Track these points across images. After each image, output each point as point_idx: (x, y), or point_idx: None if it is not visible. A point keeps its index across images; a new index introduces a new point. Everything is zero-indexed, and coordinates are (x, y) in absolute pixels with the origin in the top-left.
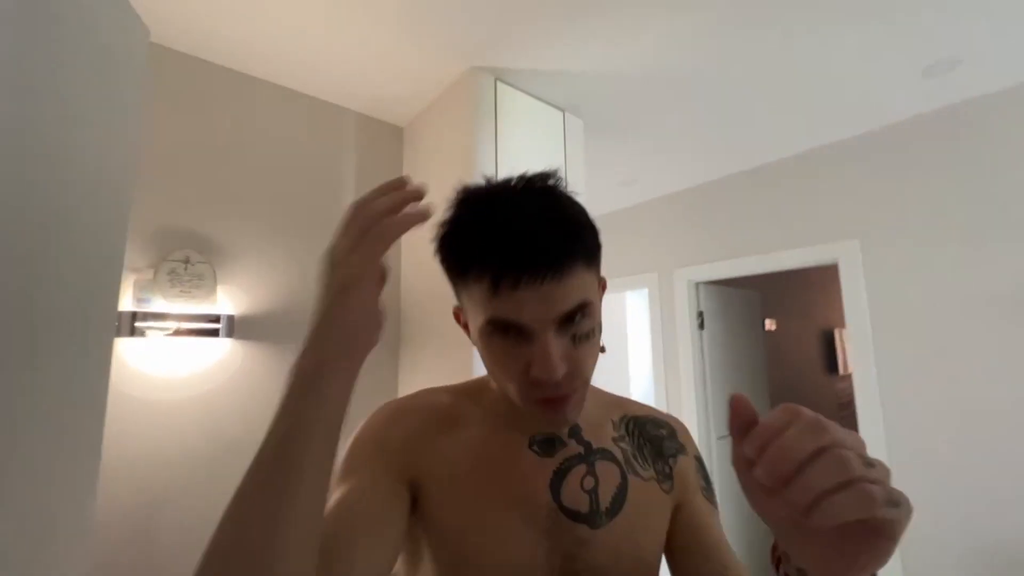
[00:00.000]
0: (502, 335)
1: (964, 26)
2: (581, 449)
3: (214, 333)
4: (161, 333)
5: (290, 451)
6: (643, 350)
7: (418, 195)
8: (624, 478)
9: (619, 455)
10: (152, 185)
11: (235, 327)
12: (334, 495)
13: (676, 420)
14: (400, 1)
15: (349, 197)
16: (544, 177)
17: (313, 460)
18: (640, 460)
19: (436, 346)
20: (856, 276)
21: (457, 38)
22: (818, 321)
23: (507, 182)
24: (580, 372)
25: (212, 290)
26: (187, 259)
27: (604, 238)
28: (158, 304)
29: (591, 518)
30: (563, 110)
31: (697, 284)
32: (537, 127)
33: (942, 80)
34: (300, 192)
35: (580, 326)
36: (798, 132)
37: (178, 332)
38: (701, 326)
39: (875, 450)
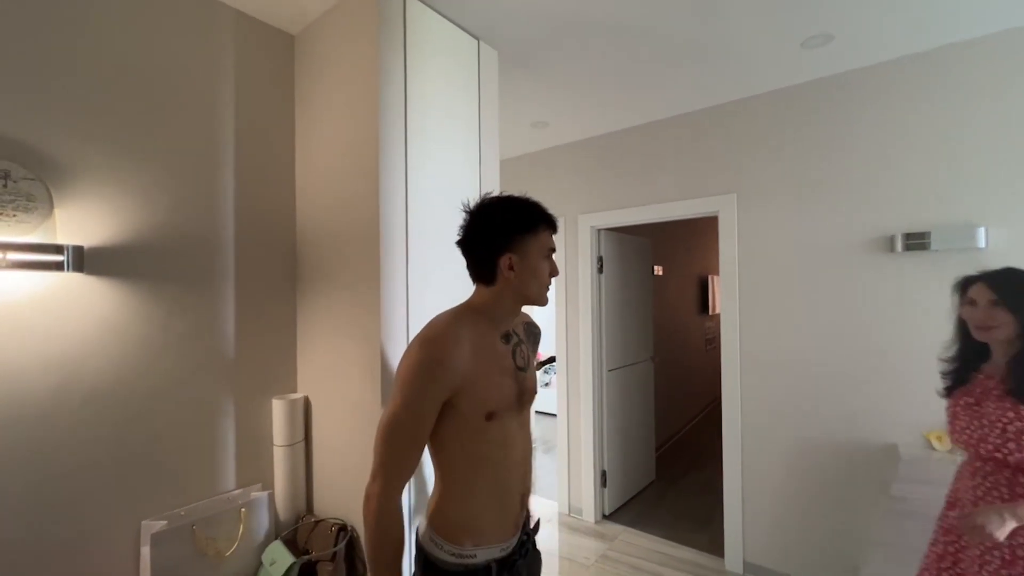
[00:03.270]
0: (548, 256)
1: (836, 4)
2: (517, 339)
3: (57, 267)
4: None
5: None
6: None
7: None
8: (530, 352)
9: (528, 342)
10: None
11: (86, 260)
12: (395, 404)
13: (537, 325)
14: None
15: (228, 111)
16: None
17: None
18: (531, 344)
19: (343, 280)
20: (731, 226)
21: None
22: (696, 268)
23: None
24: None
25: (47, 214)
26: (6, 174)
27: (518, 182)
28: None
29: (525, 369)
30: (478, 38)
31: (599, 230)
32: (449, 53)
33: (818, 53)
34: (169, 103)
35: None
36: (693, 91)
37: (6, 265)
38: (600, 270)
39: (730, 375)
